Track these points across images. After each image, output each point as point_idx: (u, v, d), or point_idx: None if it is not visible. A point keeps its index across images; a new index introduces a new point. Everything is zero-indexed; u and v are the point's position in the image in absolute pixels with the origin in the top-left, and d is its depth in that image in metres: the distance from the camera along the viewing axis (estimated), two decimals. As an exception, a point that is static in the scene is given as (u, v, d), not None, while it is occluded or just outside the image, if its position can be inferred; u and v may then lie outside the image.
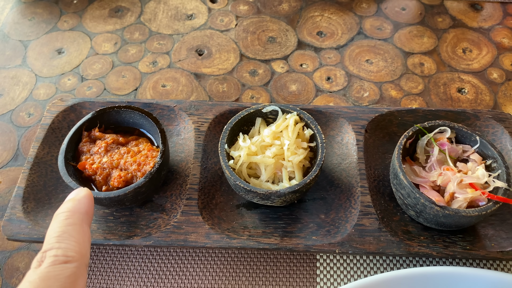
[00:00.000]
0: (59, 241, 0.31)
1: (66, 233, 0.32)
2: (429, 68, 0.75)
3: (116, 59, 0.76)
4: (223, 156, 0.54)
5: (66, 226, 0.32)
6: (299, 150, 0.55)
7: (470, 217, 0.49)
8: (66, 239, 0.31)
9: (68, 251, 0.30)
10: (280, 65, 0.75)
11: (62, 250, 0.30)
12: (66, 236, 0.31)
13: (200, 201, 0.56)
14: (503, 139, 0.61)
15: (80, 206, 0.35)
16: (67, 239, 0.31)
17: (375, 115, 0.62)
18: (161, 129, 0.57)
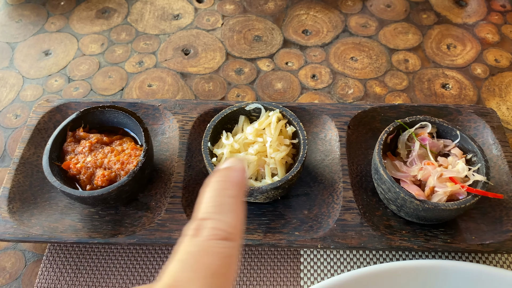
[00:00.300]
0: (218, 213, 0.26)
1: (226, 206, 0.27)
2: (413, 64, 0.75)
3: (102, 60, 0.76)
4: (206, 154, 0.55)
5: (225, 197, 0.28)
6: (282, 147, 0.56)
7: (449, 211, 0.50)
8: (227, 213, 0.27)
9: (228, 227, 0.26)
10: (266, 63, 0.75)
11: (222, 224, 0.26)
12: (226, 209, 0.27)
13: (184, 199, 0.57)
14: (484, 133, 0.62)
15: (238, 178, 0.29)
16: (227, 212, 0.27)
17: (358, 112, 0.63)
18: (144, 128, 0.57)
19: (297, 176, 0.55)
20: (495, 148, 0.60)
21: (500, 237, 0.53)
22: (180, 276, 0.24)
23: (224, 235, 0.25)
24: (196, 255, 0.25)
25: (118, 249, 0.58)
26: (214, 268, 0.24)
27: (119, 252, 0.58)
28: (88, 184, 0.55)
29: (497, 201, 0.56)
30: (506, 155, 0.59)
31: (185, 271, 0.24)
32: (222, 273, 0.24)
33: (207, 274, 0.24)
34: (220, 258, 0.25)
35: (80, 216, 0.57)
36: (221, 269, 0.24)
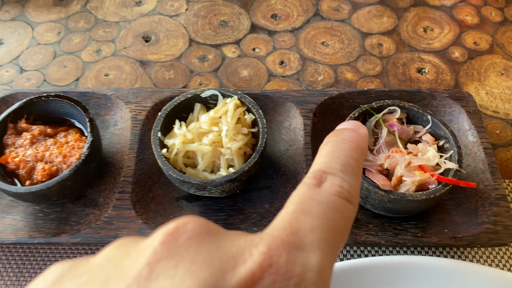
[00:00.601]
0: (343, 171, 0.24)
1: (350, 167, 0.25)
2: (387, 49, 0.71)
3: (58, 49, 0.72)
4: (155, 145, 0.51)
5: (351, 159, 0.25)
6: (239, 136, 0.51)
7: (418, 202, 0.46)
8: (351, 174, 0.25)
9: (352, 190, 0.24)
10: (232, 49, 0.71)
11: (346, 184, 0.24)
12: (351, 171, 0.25)
13: (133, 195, 0.52)
14: (460, 118, 0.57)
15: (364, 143, 0.27)
16: (351, 174, 0.25)
17: (324, 98, 0.59)
18: (90, 118, 0.53)
19: (255, 167, 0.50)
20: (471, 134, 0.56)
21: (474, 229, 0.49)
22: (301, 219, 0.21)
23: (348, 196, 0.23)
24: (322, 204, 0.22)
25: (65, 249, 0.53)
26: (337, 225, 0.22)
27: (66, 252, 0.53)
28: (28, 180, 0.51)
29: (473, 191, 0.52)
30: (482, 142, 0.55)
31: (308, 216, 0.22)
32: (342, 233, 0.22)
33: (330, 227, 0.22)
34: (343, 217, 0.23)
35: (23, 215, 0.53)
36: (342, 229, 0.22)
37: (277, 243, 0.20)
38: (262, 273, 0.19)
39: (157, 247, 0.19)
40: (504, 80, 0.68)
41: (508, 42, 0.72)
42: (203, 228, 0.21)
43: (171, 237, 0.20)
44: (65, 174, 0.49)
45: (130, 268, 0.19)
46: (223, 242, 0.20)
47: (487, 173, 0.52)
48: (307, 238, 0.21)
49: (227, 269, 0.19)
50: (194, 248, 0.20)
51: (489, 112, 0.64)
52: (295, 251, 0.20)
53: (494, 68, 0.69)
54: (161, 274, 0.18)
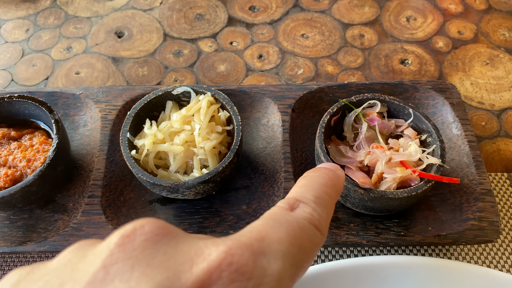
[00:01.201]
0: (316, 203, 0.26)
1: (323, 200, 0.26)
2: (369, 40, 0.69)
3: (27, 47, 0.69)
4: (124, 146, 0.48)
5: (325, 194, 0.27)
6: (212, 135, 0.49)
7: (399, 200, 0.43)
8: (323, 207, 0.26)
9: (322, 220, 0.25)
10: (208, 44, 0.68)
11: (318, 214, 0.25)
12: (323, 204, 0.26)
13: (104, 199, 0.50)
14: (443, 111, 0.55)
15: (339, 184, 0.29)
16: (324, 207, 0.26)
17: (303, 93, 0.56)
18: (56, 119, 0.50)
19: (231, 167, 0.48)
20: (455, 127, 0.54)
21: (459, 226, 0.47)
22: (269, 231, 0.22)
23: (317, 224, 0.25)
24: (291, 223, 0.23)
25: (34, 257, 0.51)
26: (303, 244, 0.23)
27: (36, 261, 0.51)
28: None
29: (457, 186, 0.50)
30: (466, 134, 0.53)
31: (276, 229, 0.22)
32: (308, 254, 0.23)
33: (296, 243, 0.22)
34: (310, 241, 0.23)
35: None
36: (308, 249, 0.23)
37: (240, 245, 0.20)
38: (221, 271, 0.19)
39: (113, 249, 0.19)
40: (489, 70, 0.66)
41: (493, 31, 0.70)
42: (161, 231, 0.21)
43: (128, 239, 0.20)
44: (29, 179, 0.46)
45: (85, 271, 0.19)
46: (181, 245, 0.20)
47: (472, 167, 0.50)
48: (272, 247, 0.21)
49: (184, 270, 0.19)
50: (150, 250, 0.19)
51: (474, 103, 0.62)
52: (258, 255, 0.20)
53: (479, 57, 0.67)
54: (116, 276, 0.18)
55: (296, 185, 0.28)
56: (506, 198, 0.54)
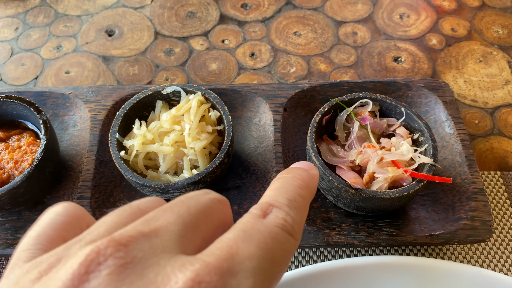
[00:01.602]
0: (288, 206, 0.25)
1: (297, 203, 0.26)
2: (362, 37, 0.68)
3: (16, 46, 0.68)
4: (113, 147, 0.47)
5: (298, 196, 0.26)
6: (203, 135, 0.48)
7: (390, 200, 0.43)
8: (296, 211, 0.25)
9: (295, 224, 0.24)
10: (200, 42, 0.68)
11: (290, 218, 0.24)
12: (297, 207, 0.25)
13: (93, 200, 0.49)
14: (436, 109, 0.55)
15: (313, 184, 0.29)
16: (296, 210, 0.25)
17: (295, 92, 0.56)
18: (44, 120, 0.49)
19: (221, 168, 0.47)
20: (448, 126, 0.53)
21: (451, 226, 0.47)
22: (240, 245, 0.21)
23: (290, 230, 0.24)
24: (263, 234, 0.22)
25: (23, 260, 0.50)
26: (276, 255, 0.22)
27: (24, 263, 0.50)
28: (-23, 188, 0.47)
29: (450, 185, 0.50)
30: (459, 133, 0.52)
31: (247, 243, 0.21)
32: (281, 264, 0.22)
33: (268, 257, 0.21)
34: (282, 250, 0.23)
35: (-26, 225, 0.49)
36: (281, 259, 0.22)
37: (208, 269, 0.19)
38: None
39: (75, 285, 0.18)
40: (483, 67, 0.65)
41: (487, 28, 0.70)
42: (124, 260, 0.19)
43: (86, 276, 0.18)
44: (16, 181, 0.45)
45: None
46: (147, 271, 0.19)
47: (465, 166, 0.50)
48: (243, 265, 0.20)
49: None
50: (115, 284, 0.18)
51: (468, 101, 0.62)
52: (227, 277, 0.19)
53: (472, 55, 0.67)
54: None
55: (269, 188, 0.27)
56: (499, 197, 0.54)
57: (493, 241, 0.50)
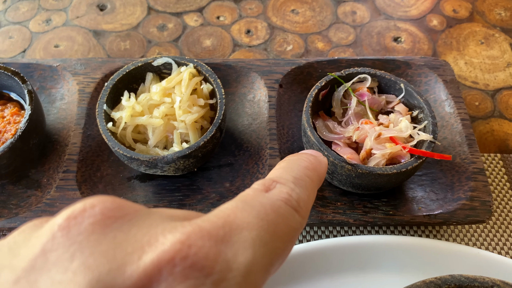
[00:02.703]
0: (295, 184, 0.23)
1: (304, 182, 0.24)
2: (361, 17, 0.66)
3: (3, 19, 0.66)
4: (101, 118, 0.45)
5: (305, 176, 0.25)
6: (194, 108, 0.47)
7: (387, 176, 0.41)
8: (303, 188, 0.23)
9: (301, 201, 0.22)
10: (194, 18, 0.65)
11: (296, 194, 0.22)
12: (303, 185, 0.24)
13: (79, 174, 0.47)
14: (436, 88, 0.53)
15: (321, 169, 0.27)
16: (304, 188, 0.23)
17: (291, 68, 0.54)
18: (29, 90, 0.47)
19: (213, 142, 0.46)
20: (448, 105, 0.52)
21: (450, 206, 0.45)
22: (238, 215, 0.19)
23: (295, 206, 0.22)
24: (264, 206, 0.20)
25: (5, 233, 0.48)
26: (278, 229, 0.20)
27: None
28: (-42, 159, 0.45)
29: (449, 165, 0.48)
30: (459, 112, 0.51)
31: (246, 213, 0.19)
32: (285, 241, 0.20)
33: (269, 229, 0.19)
34: (286, 225, 0.21)
35: (-44, 199, 0.48)
36: (284, 235, 0.20)
37: (201, 234, 0.17)
38: (173, 265, 0.16)
39: (55, 233, 0.17)
40: (484, 49, 0.64)
41: (489, 10, 0.68)
42: (115, 212, 0.18)
43: (74, 221, 0.17)
44: (-2, 151, 0.43)
45: (24, 257, 0.16)
46: (135, 230, 0.17)
47: (464, 145, 0.49)
48: (240, 235, 0.18)
49: (131, 262, 0.16)
50: (96, 235, 0.17)
51: (468, 82, 0.60)
52: (221, 245, 0.17)
53: (473, 37, 0.65)
54: (54, 265, 0.16)
55: (274, 168, 0.26)
56: (499, 180, 0.52)
57: (492, 224, 0.49)
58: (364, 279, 0.42)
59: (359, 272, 0.42)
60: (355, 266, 0.42)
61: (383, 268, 0.42)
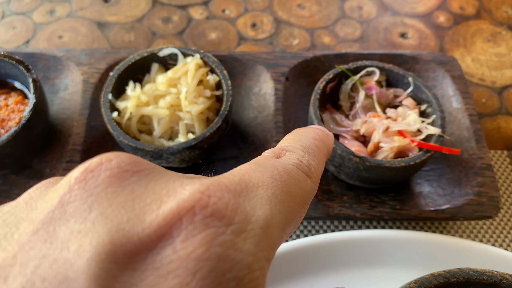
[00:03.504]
0: (305, 152, 0.23)
1: (312, 150, 0.24)
2: (368, 12, 0.66)
3: (7, 9, 0.65)
4: (105, 108, 0.45)
5: (313, 145, 0.25)
6: (200, 99, 0.46)
7: (395, 169, 0.41)
8: (312, 156, 0.24)
9: (311, 167, 0.23)
10: (199, 11, 0.65)
11: (306, 161, 0.23)
12: (312, 153, 0.24)
13: (83, 164, 0.47)
14: (444, 84, 0.53)
15: (328, 141, 0.27)
16: (313, 156, 0.24)
17: (298, 61, 0.54)
18: (33, 78, 0.47)
19: (219, 134, 0.45)
20: (455, 100, 0.51)
21: (457, 201, 0.45)
22: (253, 175, 0.19)
23: (306, 171, 0.22)
24: (277, 168, 0.20)
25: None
26: (292, 190, 0.20)
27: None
28: (-39, 147, 0.45)
29: (456, 160, 0.48)
30: (467, 108, 0.50)
31: (260, 174, 0.19)
32: (298, 202, 0.20)
33: (284, 189, 0.20)
34: (299, 187, 0.21)
35: (-42, 188, 0.47)
36: (298, 197, 0.20)
37: (220, 186, 0.17)
38: (193, 214, 0.15)
39: (72, 185, 0.16)
40: (491, 46, 0.63)
41: (496, 8, 0.68)
42: (132, 167, 0.17)
43: (91, 174, 0.17)
44: (2, 140, 0.43)
45: (42, 209, 0.16)
46: (153, 183, 0.17)
47: (472, 141, 0.48)
48: (257, 192, 0.18)
49: (150, 211, 0.15)
50: (114, 188, 0.16)
51: (475, 80, 0.60)
52: (239, 199, 0.17)
53: (480, 34, 0.65)
54: (72, 216, 0.16)
55: (283, 140, 0.26)
56: (506, 176, 0.52)
57: (499, 220, 0.48)
58: (370, 274, 0.41)
59: (365, 267, 0.42)
60: (361, 260, 0.42)
61: (389, 263, 0.42)
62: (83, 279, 0.14)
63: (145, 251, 0.15)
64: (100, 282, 0.14)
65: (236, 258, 0.15)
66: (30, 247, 0.15)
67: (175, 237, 0.15)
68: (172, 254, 0.15)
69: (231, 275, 0.15)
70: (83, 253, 0.14)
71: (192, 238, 0.15)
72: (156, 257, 0.15)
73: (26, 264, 0.14)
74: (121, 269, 0.14)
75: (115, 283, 0.14)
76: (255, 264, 0.16)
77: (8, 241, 0.15)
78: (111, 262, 0.14)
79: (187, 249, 0.15)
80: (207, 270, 0.15)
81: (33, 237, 0.15)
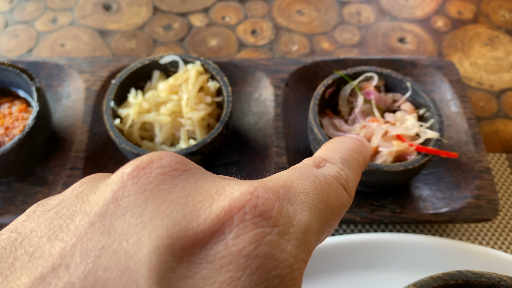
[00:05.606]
0: (344, 165, 0.24)
1: (351, 164, 0.25)
2: (366, 18, 0.66)
3: (10, 18, 0.66)
4: (108, 115, 0.46)
5: (352, 158, 0.25)
6: (201, 105, 0.47)
7: (394, 173, 0.41)
8: (351, 170, 0.24)
9: (349, 181, 0.23)
10: (200, 18, 0.66)
11: (345, 174, 0.23)
12: (351, 167, 0.24)
13: (86, 171, 0.47)
14: (442, 88, 0.53)
15: (366, 152, 0.28)
16: (351, 170, 0.24)
17: (297, 67, 0.54)
18: (37, 87, 0.47)
19: (219, 140, 0.46)
20: (454, 104, 0.52)
21: (456, 204, 0.45)
22: (295, 181, 0.20)
23: (345, 185, 0.22)
24: (318, 178, 0.21)
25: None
26: (330, 201, 0.21)
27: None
28: (-35, 155, 0.45)
29: (455, 164, 0.48)
30: (465, 112, 0.51)
31: (302, 181, 0.20)
32: (334, 212, 0.21)
33: (323, 198, 0.20)
34: (337, 199, 0.21)
35: (-37, 195, 0.48)
36: (334, 208, 0.21)
37: (266, 188, 0.18)
38: (244, 213, 0.16)
39: (125, 181, 0.17)
40: (489, 50, 0.64)
41: (493, 12, 0.68)
42: (181, 166, 0.18)
43: (143, 171, 0.18)
44: (7, 147, 0.44)
45: (96, 203, 0.17)
46: (201, 182, 0.18)
47: (470, 144, 0.49)
48: (298, 197, 0.19)
49: (203, 208, 0.16)
50: (167, 185, 0.17)
51: (473, 83, 0.60)
52: (284, 201, 0.18)
53: (478, 38, 0.65)
54: (128, 210, 0.16)
55: (321, 148, 0.26)
56: (504, 179, 0.52)
57: (498, 222, 0.49)
58: (370, 277, 0.42)
59: (365, 270, 0.42)
60: (361, 264, 0.42)
61: (389, 266, 0.42)
62: (144, 270, 0.14)
63: (199, 245, 0.16)
64: (159, 273, 0.15)
65: (280, 258, 0.16)
66: (88, 238, 0.15)
67: (227, 233, 0.16)
68: (224, 249, 0.16)
69: (276, 273, 0.16)
70: (143, 245, 0.15)
71: (242, 236, 0.16)
72: (209, 251, 0.16)
73: (86, 253, 0.15)
74: (178, 261, 0.15)
75: (172, 275, 0.15)
76: (295, 264, 0.17)
77: (65, 232, 0.16)
78: (169, 255, 0.15)
79: (238, 246, 0.16)
80: (255, 266, 0.16)
81: (90, 228, 0.16)
